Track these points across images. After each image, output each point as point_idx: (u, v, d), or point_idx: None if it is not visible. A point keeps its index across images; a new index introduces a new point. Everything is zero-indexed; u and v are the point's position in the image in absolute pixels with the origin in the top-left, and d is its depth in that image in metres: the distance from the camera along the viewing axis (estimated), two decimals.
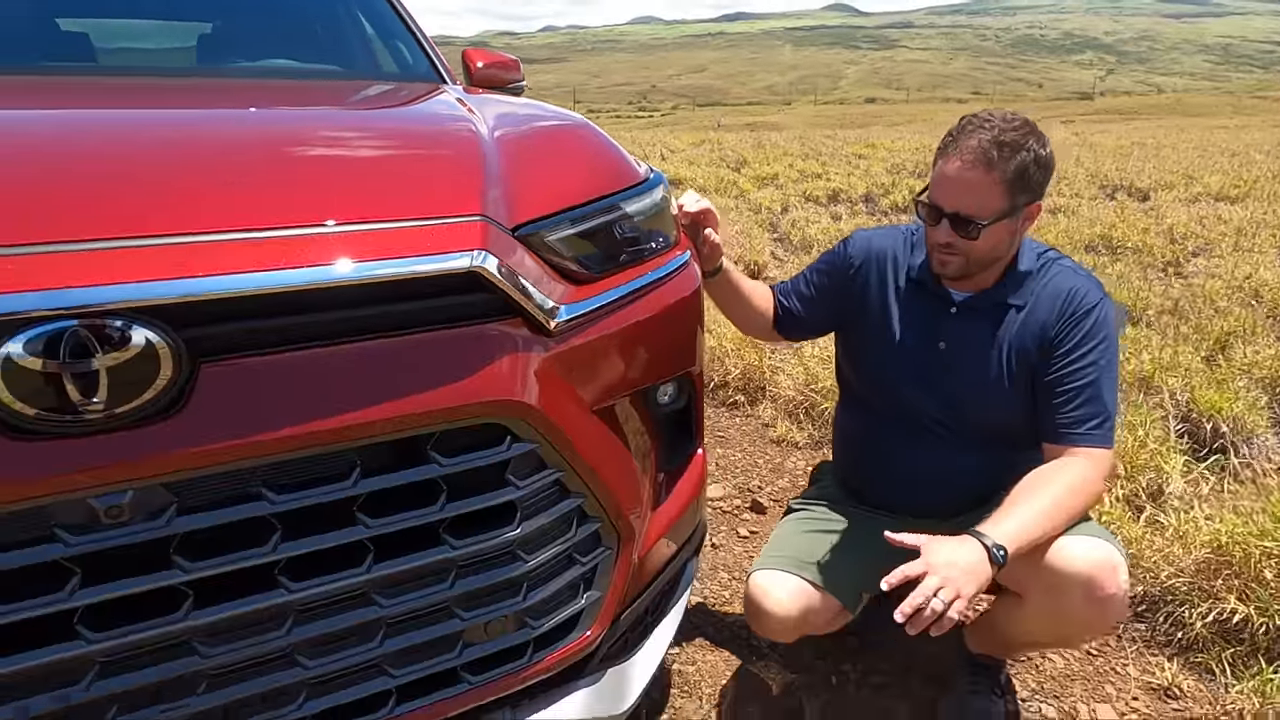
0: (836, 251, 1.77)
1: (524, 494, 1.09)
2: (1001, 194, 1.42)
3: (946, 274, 1.54)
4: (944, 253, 1.50)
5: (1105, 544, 1.38)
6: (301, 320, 0.91)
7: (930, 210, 1.49)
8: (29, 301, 0.77)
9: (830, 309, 1.76)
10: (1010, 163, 1.40)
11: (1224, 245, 5.91)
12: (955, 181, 1.43)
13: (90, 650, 0.85)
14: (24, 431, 0.78)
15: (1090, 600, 1.35)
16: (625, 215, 1.27)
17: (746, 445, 3.11)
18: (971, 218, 1.43)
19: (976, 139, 1.41)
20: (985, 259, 1.50)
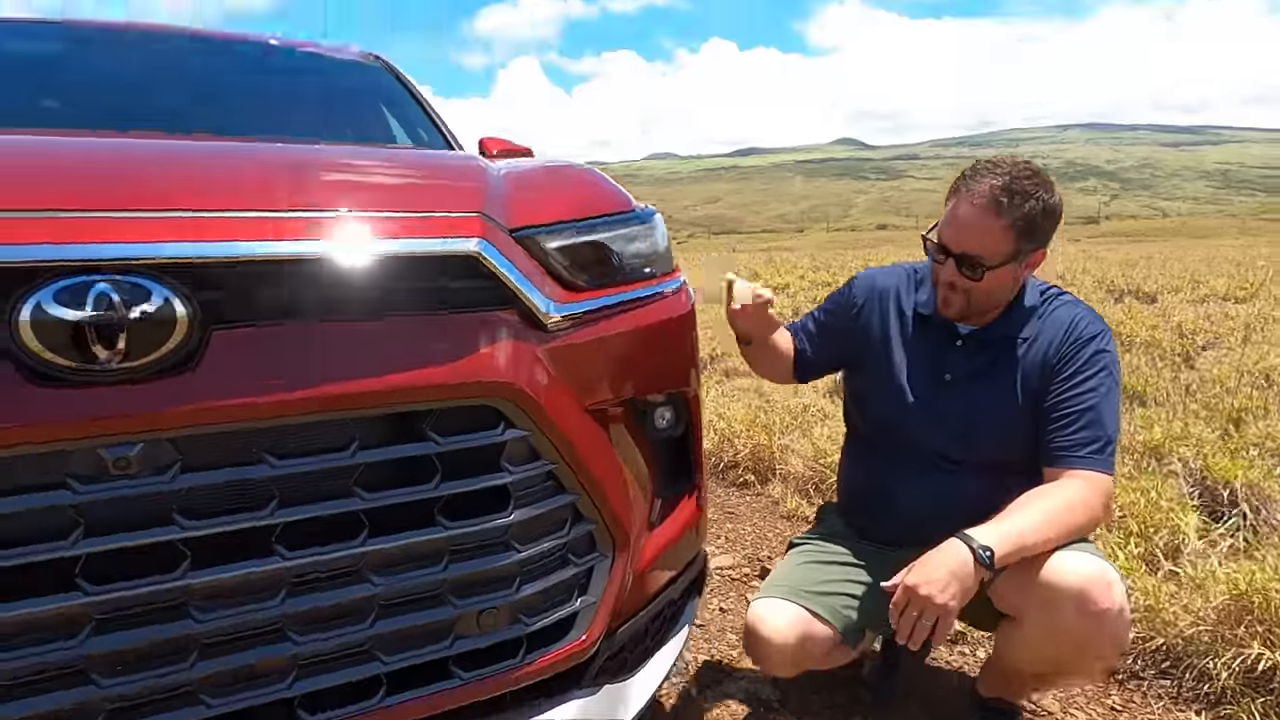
0: (841, 292, 1.82)
1: (517, 479, 1.11)
2: (1008, 240, 1.46)
3: (948, 314, 1.58)
4: (947, 291, 1.55)
5: (1098, 560, 1.37)
6: (310, 293, 0.98)
7: (938, 249, 1.54)
8: (61, 253, 0.84)
9: (836, 348, 1.79)
10: (1019, 210, 1.44)
11: (1233, 339, 5.94)
12: (964, 224, 1.48)
13: (88, 602, 0.88)
14: (46, 378, 0.84)
15: (1083, 615, 1.32)
16: (618, 236, 1.35)
17: (757, 520, 3.09)
18: (977, 260, 1.47)
19: (988, 184, 1.45)
20: (985, 302, 1.55)
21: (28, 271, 0.83)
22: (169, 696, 0.95)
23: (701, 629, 2.25)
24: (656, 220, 1.44)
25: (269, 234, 0.95)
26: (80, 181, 0.96)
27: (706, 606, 2.38)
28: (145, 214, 0.91)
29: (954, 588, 1.30)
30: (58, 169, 1.01)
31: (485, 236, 1.07)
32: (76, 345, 0.84)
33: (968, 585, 1.31)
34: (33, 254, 0.83)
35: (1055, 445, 1.49)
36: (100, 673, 0.90)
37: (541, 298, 1.14)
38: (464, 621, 1.12)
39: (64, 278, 0.85)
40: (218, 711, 0.96)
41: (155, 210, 0.92)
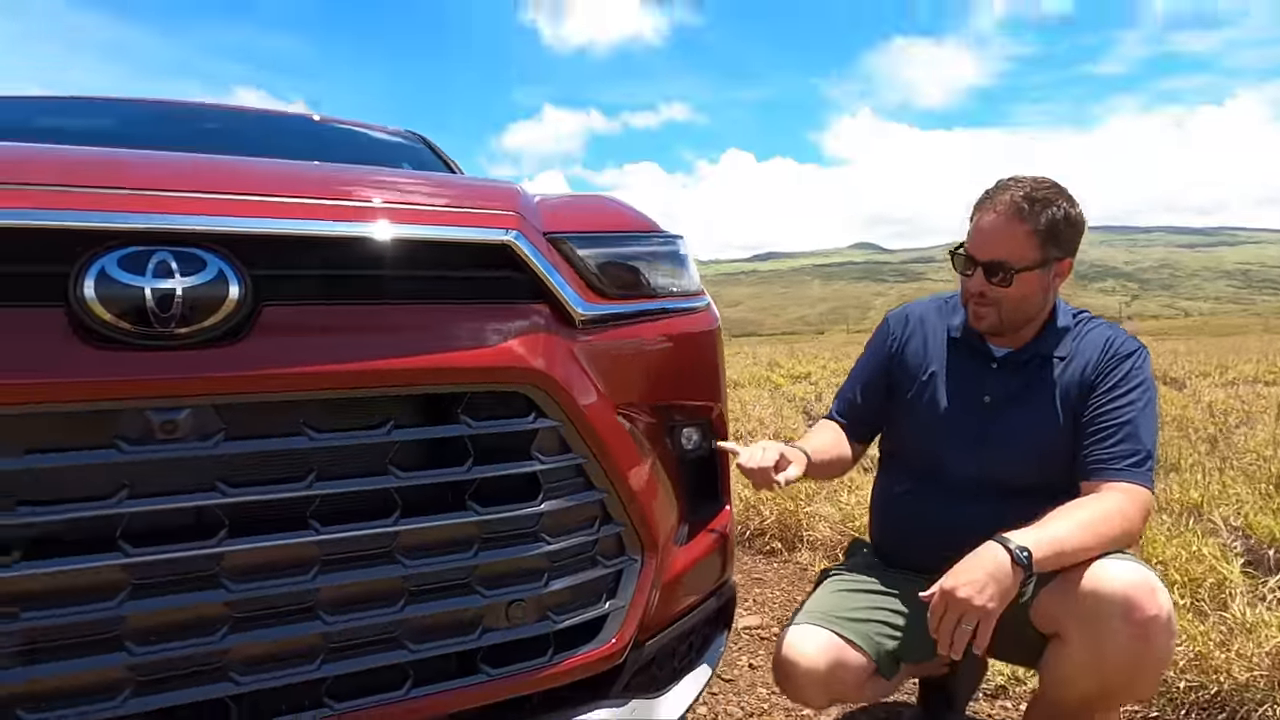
0: (877, 333, 1.83)
1: (547, 469, 1.13)
2: (1033, 245, 1.48)
3: (981, 328, 1.57)
4: (978, 304, 1.55)
5: (1141, 566, 1.33)
6: (353, 273, 1.03)
7: (965, 260, 1.56)
8: (126, 220, 0.90)
9: (883, 388, 1.77)
10: (1041, 216, 1.47)
11: (1267, 417, 5.83)
12: (989, 232, 1.51)
13: (127, 563, 0.89)
14: (104, 339, 0.88)
15: (1130, 624, 1.27)
16: (645, 252, 1.39)
17: (785, 586, 3.01)
18: (1004, 265, 1.49)
19: (1009, 194, 1.49)
20: (1017, 313, 1.55)
21: (95, 237, 0.89)
22: (198, 670, 0.94)
23: (730, 684, 2.18)
24: (681, 242, 1.49)
25: (319, 216, 1.01)
26: (148, 168, 1.04)
27: (735, 663, 2.31)
28: (205, 195, 0.97)
29: (992, 589, 1.27)
30: (127, 160, 1.08)
31: (520, 230, 1.13)
32: (134, 310, 0.88)
33: (1006, 587, 1.28)
34: (101, 219, 0.89)
35: (1092, 459, 1.47)
36: (133, 640, 0.90)
37: (573, 294, 1.18)
38: (492, 613, 1.11)
39: (127, 246, 0.90)
40: (246, 689, 0.95)
41: (215, 192, 0.98)
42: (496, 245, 1.10)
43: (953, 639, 1.29)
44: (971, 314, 1.58)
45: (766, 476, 1.47)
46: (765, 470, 1.47)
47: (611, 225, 1.39)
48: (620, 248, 1.35)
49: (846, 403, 1.82)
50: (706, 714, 1.99)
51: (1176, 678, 1.92)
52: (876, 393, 1.78)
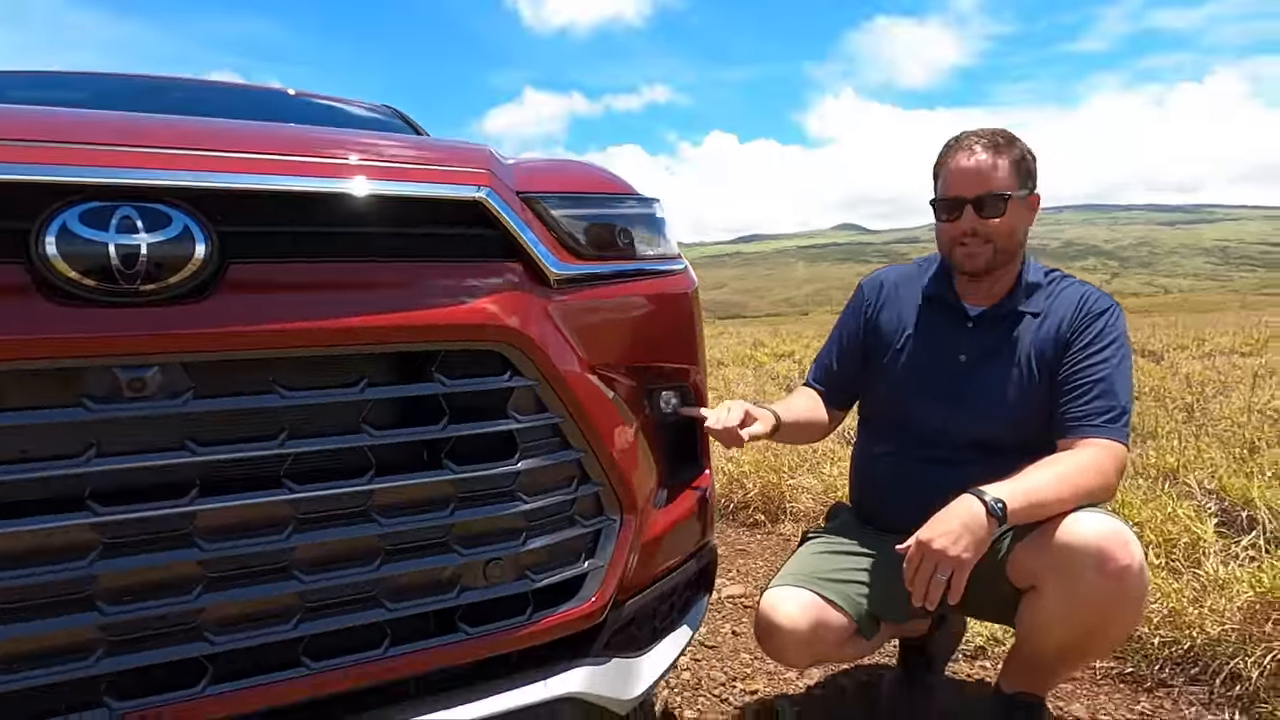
0: (852, 300, 1.84)
1: (524, 428, 1.13)
2: (1013, 175, 1.53)
3: (975, 268, 1.57)
4: (971, 244, 1.55)
5: (1113, 519, 1.35)
6: (323, 230, 1.01)
7: (951, 204, 1.56)
8: (88, 174, 0.88)
9: (860, 355, 1.78)
10: (1013, 149, 1.54)
11: (1243, 387, 5.91)
12: (972, 169, 1.53)
13: (97, 522, 0.88)
14: (67, 295, 0.87)
15: (1104, 574, 1.30)
16: (620, 214, 1.39)
17: (768, 556, 3.04)
18: (996, 195, 1.51)
19: (978, 137, 1.55)
20: (1009, 246, 1.56)
21: (56, 191, 0.87)
22: (172, 630, 0.94)
23: (714, 649, 2.20)
24: (658, 205, 1.49)
25: (287, 172, 1.00)
26: (111, 125, 1.02)
27: (719, 630, 2.33)
28: (169, 150, 0.96)
29: (966, 539, 1.29)
30: (89, 117, 1.07)
31: (492, 187, 1.11)
32: (98, 266, 0.87)
33: (980, 537, 1.29)
34: (60, 173, 0.87)
35: (1068, 416, 1.49)
36: (105, 600, 0.90)
37: (546, 253, 1.18)
38: (470, 572, 1.11)
39: (89, 201, 0.88)
40: (221, 648, 0.95)
41: (179, 148, 0.97)
42: (468, 201, 1.09)
43: (928, 590, 1.31)
44: (963, 257, 1.58)
45: (733, 434, 1.47)
46: (731, 429, 1.47)
47: (586, 186, 1.38)
48: (595, 208, 1.34)
49: (823, 369, 1.83)
50: (690, 679, 2.01)
51: (1151, 634, 1.96)
52: (853, 359, 1.79)
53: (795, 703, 1.86)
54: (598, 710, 1.22)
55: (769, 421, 1.58)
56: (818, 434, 1.81)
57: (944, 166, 1.59)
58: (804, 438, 1.80)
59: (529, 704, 1.13)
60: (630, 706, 1.26)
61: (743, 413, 1.49)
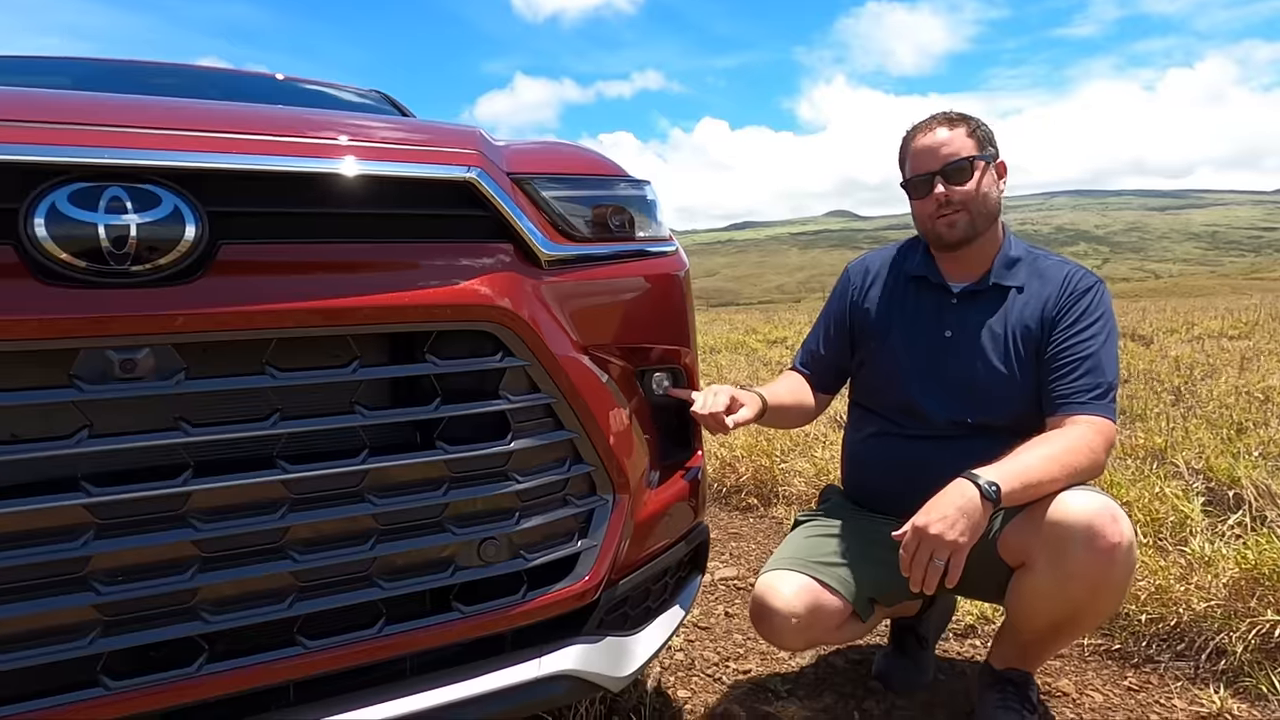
0: (837, 285, 1.86)
1: (516, 409, 1.13)
2: (975, 141, 1.58)
3: (955, 237, 1.59)
4: (948, 214, 1.57)
5: (1102, 495, 1.37)
6: (314, 211, 1.01)
7: (920, 182, 1.60)
8: (77, 154, 0.88)
9: (846, 339, 1.80)
10: (967, 121, 1.60)
11: (1230, 370, 5.95)
12: (932, 145, 1.58)
13: (91, 503, 0.88)
14: (56, 276, 0.87)
15: (1092, 551, 1.31)
16: (611, 195, 1.38)
17: (761, 539, 3.05)
18: (960, 160, 1.56)
19: (930, 119, 1.62)
20: (984, 211, 1.58)
21: (45, 171, 0.87)
22: (168, 610, 0.94)
23: (707, 630, 2.21)
24: (649, 187, 1.49)
25: (277, 152, 0.99)
26: (99, 105, 1.01)
27: (712, 612, 2.34)
28: (158, 130, 0.95)
29: (963, 524, 1.30)
30: (77, 98, 1.06)
31: (482, 168, 1.11)
32: (88, 246, 0.87)
33: (976, 521, 1.31)
34: (49, 153, 0.87)
35: (1056, 394, 1.50)
36: (100, 580, 0.90)
37: (537, 234, 1.18)
38: (464, 552, 1.12)
39: (79, 181, 0.88)
40: (216, 627, 0.95)
41: (168, 128, 0.96)
42: (458, 182, 1.09)
43: (925, 575, 1.32)
44: (942, 229, 1.60)
45: (718, 420, 1.47)
46: (717, 415, 1.47)
47: (577, 168, 1.37)
48: (586, 190, 1.34)
49: (810, 354, 1.84)
50: (683, 659, 2.03)
51: (1138, 611, 1.98)
52: (839, 343, 1.80)
53: (786, 680, 1.88)
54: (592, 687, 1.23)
55: (755, 406, 1.59)
56: (804, 418, 1.82)
57: (907, 151, 1.65)
58: (791, 421, 1.81)
59: (523, 682, 1.14)
60: (624, 684, 1.28)
61: (728, 398, 1.50)
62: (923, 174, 1.59)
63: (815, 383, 1.82)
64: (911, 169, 1.63)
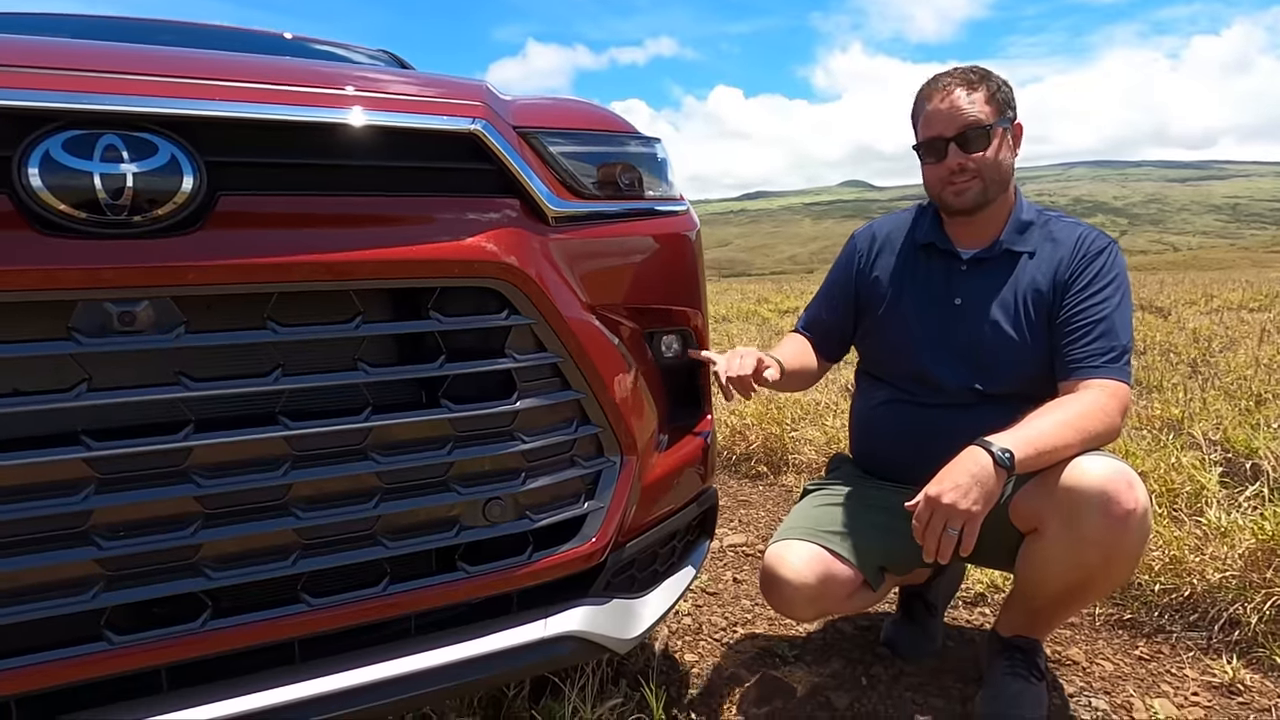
0: (844, 252, 1.82)
1: (522, 367, 1.11)
2: (993, 106, 1.51)
3: (965, 204, 1.55)
4: (960, 181, 1.53)
5: (1117, 461, 1.34)
6: (315, 163, 0.99)
7: (933, 145, 1.54)
8: (71, 100, 0.86)
9: (852, 306, 1.77)
10: (987, 82, 1.52)
11: (1249, 342, 5.87)
12: (949, 109, 1.51)
13: (90, 457, 0.87)
14: (53, 227, 0.85)
15: (1108, 516, 1.29)
16: (621, 152, 1.35)
17: (770, 507, 3.05)
18: (978, 126, 1.50)
19: (950, 76, 1.54)
20: (997, 178, 1.54)
21: (38, 118, 0.84)
22: (170, 566, 0.94)
23: (715, 596, 2.21)
24: (659, 145, 1.45)
25: (277, 101, 0.97)
26: (93, 53, 0.98)
27: (720, 578, 2.34)
28: (154, 77, 0.93)
29: (976, 492, 1.28)
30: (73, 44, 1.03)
31: (488, 120, 1.08)
32: (84, 196, 0.85)
33: (990, 489, 1.28)
34: (44, 99, 0.84)
35: (1069, 358, 1.47)
36: (102, 535, 0.89)
37: (544, 189, 1.15)
38: (470, 511, 1.11)
39: (73, 128, 0.86)
40: (218, 584, 0.95)
41: (165, 75, 0.94)
42: (462, 134, 1.06)
43: (939, 544, 1.30)
44: (952, 196, 1.56)
45: (746, 383, 1.46)
46: (744, 378, 1.46)
47: (586, 124, 1.34)
48: (595, 146, 1.31)
49: (815, 319, 1.81)
50: (691, 624, 2.03)
51: (1151, 581, 1.97)
52: (846, 311, 1.77)
53: (794, 646, 1.88)
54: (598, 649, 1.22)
55: (776, 369, 1.57)
56: (808, 382, 1.81)
57: (921, 111, 1.58)
58: (798, 384, 1.79)
59: (529, 642, 1.14)
60: (630, 646, 1.27)
61: (755, 360, 1.48)
62: (936, 138, 1.54)
63: (819, 348, 1.80)
64: (925, 132, 1.57)
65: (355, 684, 1.02)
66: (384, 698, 1.03)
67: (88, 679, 0.91)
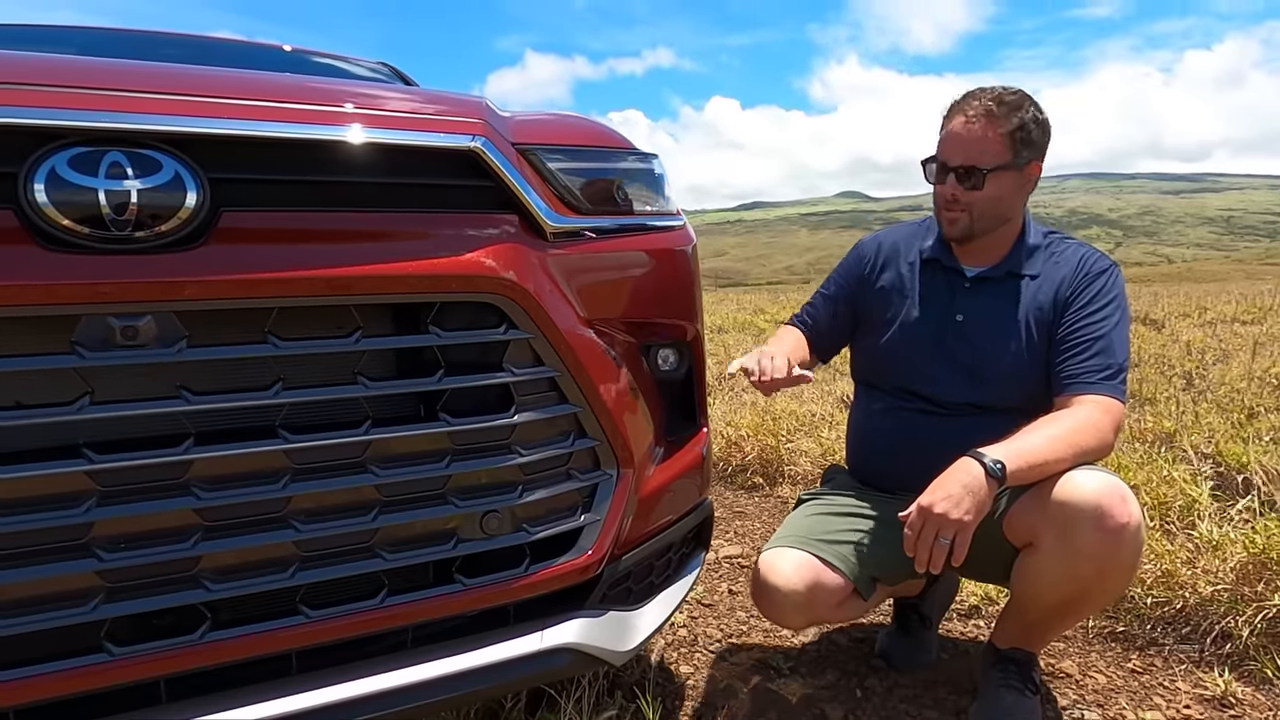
0: (848, 258, 1.84)
1: (519, 381, 1.12)
2: (1004, 147, 1.49)
3: (954, 234, 1.57)
4: (950, 210, 1.55)
5: (1110, 475, 1.35)
6: (317, 179, 1.00)
7: (937, 167, 1.56)
8: (77, 118, 0.87)
9: (850, 313, 1.78)
10: (1011, 118, 1.49)
11: (1243, 355, 5.90)
12: (960, 136, 1.51)
13: (92, 470, 0.88)
14: (58, 242, 0.86)
15: (1101, 531, 1.30)
16: (618, 168, 1.37)
17: (765, 518, 3.05)
18: (975, 168, 1.50)
19: (979, 99, 1.51)
20: (989, 216, 1.54)
21: (44, 135, 0.86)
22: (171, 578, 0.94)
23: (710, 608, 2.22)
24: (657, 161, 1.47)
25: (279, 119, 0.98)
26: (100, 70, 1.00)
27: (716, 589, 2.35)
28: (159, 95, 0.94)
29: (968, 502, 1.29)
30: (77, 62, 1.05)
31: (487, 137, 1.10)
32: (88, 212, 0.86)
33: (981, 499, 1.30)
34: (50, 117, 0.86)
35: (1065, 374, 1.49)
36: (102, 547, 0.90)
37: (543, 205, 1.16)
38: (467, 524, 1.11)
39: (79, 146, 0.87)
40: (217, 596, 0.96)
41: (169, 93, 0.95)
42: (462, 151, 1.07)
43: (930, 554, 1.32)
44: (946, 222, 1.58)
45: (778, 385, 1.51)
46: (778, 381, 1.51)
47: (583, 140, 1.36)
48: (593, 162, 1.32)
49: (813, 318, 1.83)
50: (686, 635, 2.03)
51: (1143, 594, 1.98)
52: (846, 317, 1.79)
53: (789, 658, 1.89)
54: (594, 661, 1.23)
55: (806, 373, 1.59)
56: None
57: (945, 122, 1.57)
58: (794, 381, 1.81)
59: (525, 654, 1.15)
60: (626, 658, 1.28)
61: (785, 363, 1.52)
62: (941, 161, 1.55)
63: (813, 346, 1.82)
64: (938, 148, 1.57)
65: (352, 695, 1.02)
66: (381, 709, 1.04)
67: (87, 690, 0.91)
